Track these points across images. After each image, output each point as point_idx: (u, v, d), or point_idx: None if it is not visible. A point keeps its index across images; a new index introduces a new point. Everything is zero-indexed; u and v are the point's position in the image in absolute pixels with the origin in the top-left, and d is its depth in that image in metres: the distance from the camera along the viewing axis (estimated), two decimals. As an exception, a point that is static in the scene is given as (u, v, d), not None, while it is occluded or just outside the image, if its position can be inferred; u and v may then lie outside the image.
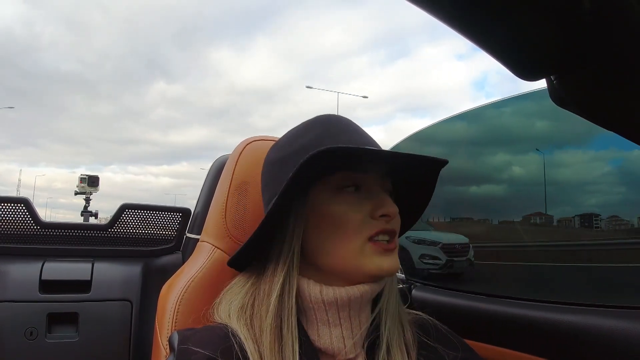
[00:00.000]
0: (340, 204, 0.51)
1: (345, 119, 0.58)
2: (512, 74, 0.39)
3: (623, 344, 0.59)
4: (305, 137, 0.55)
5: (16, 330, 1.14)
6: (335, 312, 0.51)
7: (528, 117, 1.07)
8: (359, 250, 0.50)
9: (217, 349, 0.47)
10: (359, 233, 0.50)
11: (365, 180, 0.53)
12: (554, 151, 1.01)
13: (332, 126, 0.55)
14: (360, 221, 0.50)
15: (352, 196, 0.52)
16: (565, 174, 1.01)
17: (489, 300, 0.83)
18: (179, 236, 1.42)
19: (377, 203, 0.51)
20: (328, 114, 0.59)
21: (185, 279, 0.64)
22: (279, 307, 0.50)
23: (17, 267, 1.22)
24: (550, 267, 0.96)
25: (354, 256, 0.50)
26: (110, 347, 1.21)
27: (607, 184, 0.94)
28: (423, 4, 0.33)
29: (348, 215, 0.51)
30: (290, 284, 0.51)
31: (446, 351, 0.54)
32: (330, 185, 0.52)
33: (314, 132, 0.55)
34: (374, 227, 0.50)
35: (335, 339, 0.51)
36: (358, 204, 0.51)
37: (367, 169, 0.52)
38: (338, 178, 0.52)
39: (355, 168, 0.52)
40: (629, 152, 0.86)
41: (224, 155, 1.15)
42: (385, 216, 0.51)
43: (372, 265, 0.50)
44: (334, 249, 0.51)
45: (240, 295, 0.53)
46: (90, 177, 4.05)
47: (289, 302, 0.50)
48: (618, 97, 0.39)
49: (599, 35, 0.33)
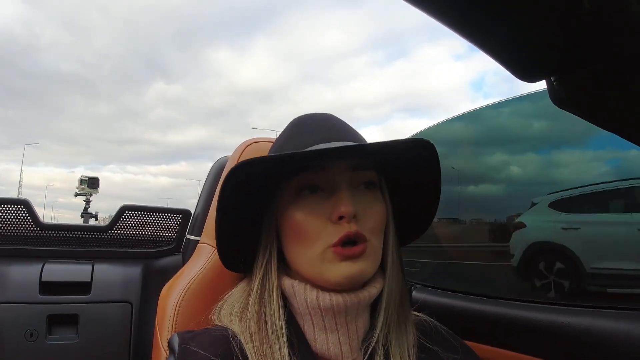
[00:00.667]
0: (299, 209, 0.50)
1: (322, 115, 0.57)
2: (512, 75, 0.39)
3: (623, 345, 0.59)
4: (276, 143, 0.57)
5: (16, 331, 1.14)
6: (332, 318, 0.50)
7: (526, 117, 1.08)
8: (319, 258, 0.48)
9: (217, 351, 0.47)
10: (318, 240, 0.48)
11: (325, 178, 0.50)
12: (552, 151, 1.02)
13: (299, 127, 0.56)
14: (320, 227, 0.49)
15: (310, 200, 0.50)
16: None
17: (488, 301, 0.82)
18: (179, 238, 1.42)
19: (333, 205, 0.49)
20: (307, 114, 0.58)
21: (185, 280, 0.64)
22: (260, 310, 0.50)
23: (17, 269, 1.22)
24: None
25: (315, 264, 0.49)
26: (110, 348, 1.20)
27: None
28: (422, 5, 0.33)
29: (306, 221, 0.49)
30: (269, 289, 0.51)
31: (446, 354, 0.54)
32: (292, 188, 0.51)
33: (282, 137, 0.57)
34: (336, 234, 0.48)
35: (332, 344, 0.50)
36: (317, 208, 0.49)
37: (324, 165, 0.50)
38: (297, 180, 0.51)
39: (310, 168, 0.50)
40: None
41: (224, 157, 1.15)
42: (342, 218, 0.48)
43: (332, 274, 0.48)
44: (298, 256, 0.51)
45: (241, 298, 0.53)
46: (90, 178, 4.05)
47: (270, 306, 0.50)
48: (618, 98, 0.39)
49: (598, 36, 0.33)
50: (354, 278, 0.49)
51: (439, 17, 0.33)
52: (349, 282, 0.49)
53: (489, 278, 1.15)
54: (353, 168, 0.50)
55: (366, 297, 0.51)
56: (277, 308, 0.50)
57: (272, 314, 0.49)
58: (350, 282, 0.49)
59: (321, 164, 0.50)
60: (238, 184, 0.50)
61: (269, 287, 0.51)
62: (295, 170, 0.50)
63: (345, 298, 0.50)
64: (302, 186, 0.50)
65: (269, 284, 0.51)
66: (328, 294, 0.50)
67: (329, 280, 0.49)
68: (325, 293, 0.50)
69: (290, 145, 0.53)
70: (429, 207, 0.58)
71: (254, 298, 0.51)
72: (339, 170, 0.50)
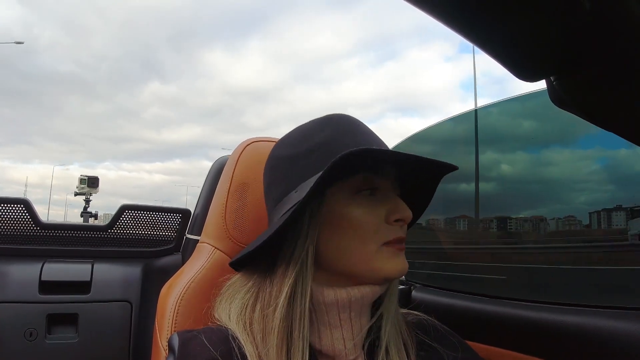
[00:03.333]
0: (357, 207, 0.51)
1: (356, 119, 0.57)
2: (512, 74, 0.39)
3: (623, 344, 0.59)
4: (318, 135, 0.53)
5: (16, 331, 1.14)
6: (336, 313, 0.51)
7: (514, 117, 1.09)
8: (374, 253, 0.50)
9: (217, 350, 0.47)
10: (375, 237, 0.50)
11: (382, 184, 0.53)
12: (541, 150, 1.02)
13: (345, 126, 0.54)
14: (376, 225, 0.51)
15: (369, 200, 0.52)
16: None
17: (488, 301, 0.83)
18: (178, 237, 1.42)
19: (391, 208, 0.51)
20: (339, 114, 0.57)
21: (185, 279, 0.64)
22: (288, 309, 0.49)
23: (17, 268, 1.22)
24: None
25: (370, 259, 0.50)
26: (110, 348, 1.20)
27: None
28: (423, 4, 0.33)
29: (365, 219, 0.50)
30: (303, 286, 0.50)
31: (446, 351, 0.54)
32: (348, 187, 0.51)
33: (327, 130, 0.53)
34: (390, 234, 0.51)
35: (336, 340, 0.51)
36: (374, 208, 0.51)
37: (385, 172, 0.52)
38: (357, 181, 0.51)
39: (375, 171, 0.52)
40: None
41: (223, 156, 1.15)
42: (400, 221, 0.51)
43: (387, 268, 0.50)
44: (350, 251, 0.51)
45: (240, 293, 0.53)
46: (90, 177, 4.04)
47: (301, 304, 0.49)
48: (618, 98, 0.39)
49: (599, 36, 0.33)
50: (404, 271, 0.52)
51: (440, 17, 0.34)
52: (400, 275, 0.52)
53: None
54: (395, 178, 0.54)
55: (369, 293, 0.51)
56: (307, 306, 0.49)
57: (302, 312, 0.49)
58: (400, 275, 0.52)
59: (383, 170, 0.52)
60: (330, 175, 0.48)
61: (302, 285, 0.50)
62: (358, 169, 0.51)
63: (349, 292, 0.50)
64: (363, 186, 0.52)
65: (302, 281, 0.50)
66: (332, 289, 0.51)
67: (383, 273, 0.51)
68: (329, 289, 0.51)
69: (342, 144, 0.51)
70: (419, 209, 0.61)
71: (284, 297, 0.49)
72: (392, 178, 0.53)
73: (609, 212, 0.98)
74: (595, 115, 0.41)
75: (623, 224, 0.94)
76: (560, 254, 1.12)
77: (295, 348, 0.47)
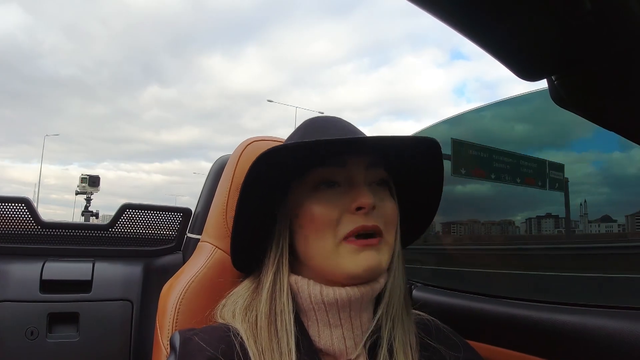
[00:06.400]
0: (315, 202, 0.51)
1: (333, 118, 0.58)
2: (514, 74, 0.39)
3: (623, 344, 0.59)
4: (291, 139, 0.57)
5: (17, 330, 1.14)
6: (336, 312, 0.51)
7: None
8: (334, 249, 0.49)
9: (218, 348, 0.47)
10: (334, 232, 0.50)
11: (343, 175, 0.52)
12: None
13: (313, 127, 0.56)
14: (335, 219, 0.50)
15: (328, 194, 0.51)
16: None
17: (490, 300, 0.82)
18: (179, 236, 1.42)
19: (352, 197, 0.50)
20: (317, 116, 0.60)
21: (186, 279, 0.64)
22: (271, 305, 0.50)
23: (18, 267, 1.22)
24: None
25: (329, 256, 0.50)
26: (110, 347, 1.21)
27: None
28: (425, 4, 0.33)
29: (321, 213, 0.50)
30: (280, 282, 0.51)
31: (448, 352, 0.54)
32: (307, 183, 0.52)
33: (299, 132, 0.57)
34: (351, 225, 0.49)
35: (336, 339, 0.51)
36: (334, 201, 0.50)
37: (344, 162, 0.51)
38: (314, 176, 0.52)
39: (329, 163, 0.51)
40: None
41: (224, 156, 1.15)
42: (361, 209, 0.49)
43: (346, 265, 0.49)
44: (312, 248, 0.51)
45: (244, 295, 0.54)
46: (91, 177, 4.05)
47: (280, 300, 0.50)
48: (618, 97, 0.39)
49: (599, 36, 0.33)
50: (373, 269, 0.49)
51: (442, 18, 0.34)
52: (367, 274, 0.49)
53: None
54: (367, 166, 0.52)
55: (369, 292, 0.51)
56: (286, 301, 0.50)
57: (282, 307, 0.50)
58: (368, 274, 0.49)
59: (339, 161, 0.51)
60: (257, 177, 0.50)
61: (280, 281, 0.52)
62: (313, 164, 0.51)
63: (348, 292, 0.50)
64: (319, 181, 0.52)
65: (280, 277, 0.52)
66: (332, 288, 0.51)
67: (345, 272, 0.49)
68: (328, 288, 0.51)
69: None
70: (429, 210, 0.60)
71: (266, 292, 0.51)
72: (355, 167, 0.52)
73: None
74: (596, 115, 0.41)
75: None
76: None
77: (281, 341, 0.48)
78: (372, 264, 0.49)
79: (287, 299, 0.51)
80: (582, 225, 0.99)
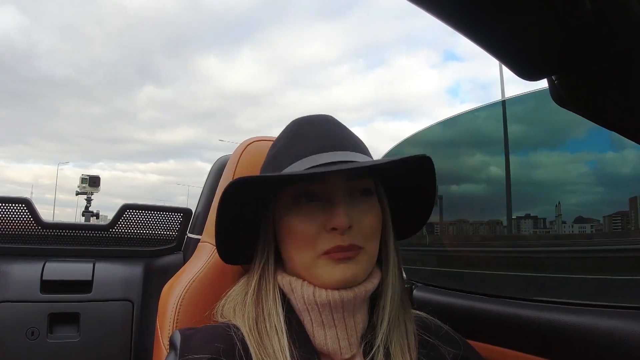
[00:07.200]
0: (295, 215, 0.51)
1: (320, 120, 0.57)
2: (514, 74, 0.39)
3: (623, 344, 0.59)
4: (275, 146, 0.57)
5: (17, 330, 1.14)
6: (329, 313, 0.51)
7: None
8: (312, 262, 0.50)
9: (219, 345, 0.48)
10: (312, 246, 0.50)
11: (321, 188, 0.51)
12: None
13: (299, 134, 0.55)
14: (313, 235, 0.50)
15: (308, 208, 0.51)
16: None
17: (490, 300, 0.82)
18: (180, 236, 1.42)
19: (327, 216, 0.50)
20: (302, 118, 0.58)
21: (187, 279, 0.64)
22: (258, 307, 0.51)
23: (19, 267, 1.22)
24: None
25: (309, 267, 0.51)
26: (111, 347, 1.21)
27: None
28: (425, 4, 0.33)
29: (300, 228, 0.51)
30: (266, 287, 0.53)
31: (447, 349, 0.54)
32: (288, 195, 0.52)
33: (280, 141, 0.57)
34: (326, 244, 0.50)
35: (330, 339, 0.51)
36: (312, 216, 0.51)
37: (323, 177, 0.51)
38: (293, 188, 0.52)
39: (308, 179, 0.51)
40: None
41: (224, 156, 1.16)
42: (335, 229, 0.49)
43: (324, 278, 0.50)
44: (293, 258, 0.52)
45: (242, 293, 0.54)
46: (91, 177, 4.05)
47: (266, 302, 0.51)
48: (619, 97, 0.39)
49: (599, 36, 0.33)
50: (348, 281, 0.50)
51: (442, 18, 0.34)
52: (343, 285, 0.50)
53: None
54: (349, 178, 0.52)
55: (362, 292, 0.51)
56: (273, 305, 0.51)
57: (269, 310, 0.51)
58: (344, 285, 0.50)
59: (317, 177, 0.51)
60: (237, 194, 0.51)
61: (265, 286, 0.53)
62: (292, 178, 0.51)
63: (341, 294, 0.50)
64: (299, 194, 0.52)
65: (265, 283, 0.53)
66: (324, 290, 0.51)
67: (324, 283, 0.51)
68: (321, 290, 0.51)
69: (286, 156, 0.53)
70: (425, 207, 0.60)
71: (252, 296, 0.52)
72: (335, 180, 0.51)
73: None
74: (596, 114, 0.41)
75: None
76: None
77: (274, 340, 0.49)
78: (348, 276, 0.50)
79: (273, 302, 0.51)
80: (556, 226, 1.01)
